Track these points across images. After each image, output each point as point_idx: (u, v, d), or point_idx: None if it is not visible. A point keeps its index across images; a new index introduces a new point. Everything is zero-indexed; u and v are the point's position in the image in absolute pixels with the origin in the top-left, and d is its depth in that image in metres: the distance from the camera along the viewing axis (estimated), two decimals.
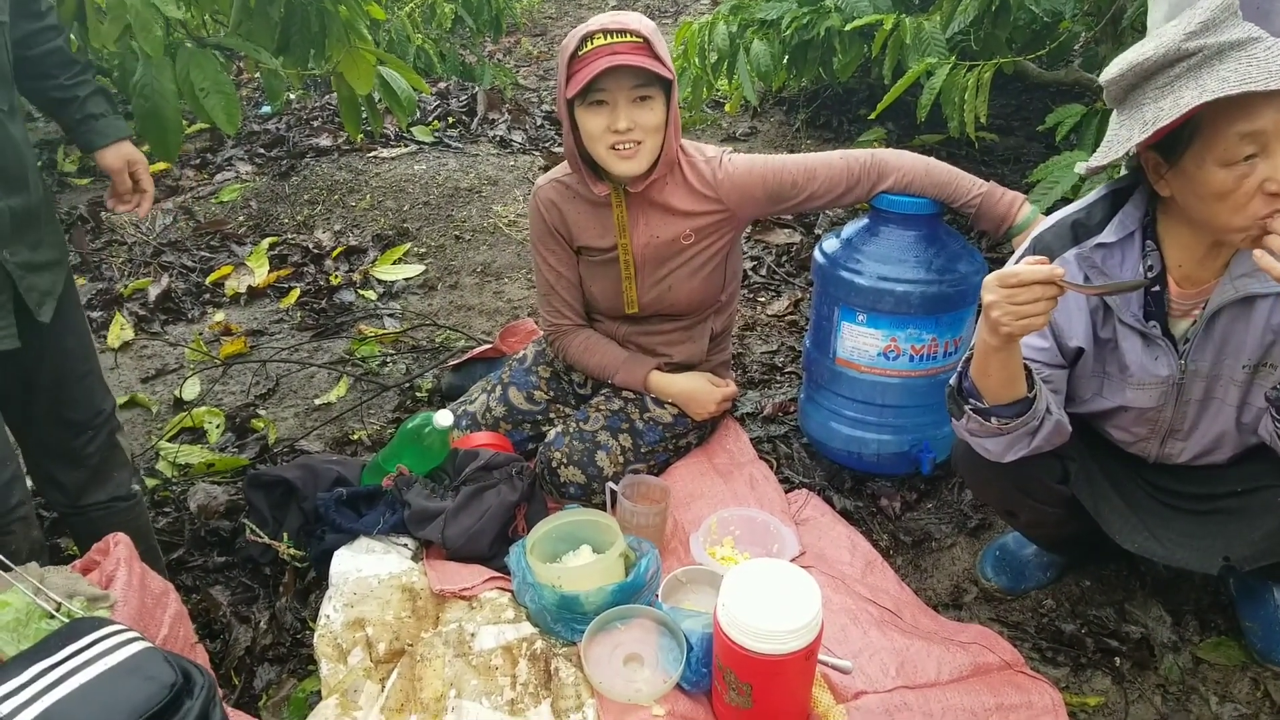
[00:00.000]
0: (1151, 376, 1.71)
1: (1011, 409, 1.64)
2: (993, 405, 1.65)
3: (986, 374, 1.61)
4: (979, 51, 3.59)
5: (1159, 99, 1.46)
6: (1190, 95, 1.40)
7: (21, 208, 1.69)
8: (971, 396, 1.68)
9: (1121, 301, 1.67)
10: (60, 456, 1.97)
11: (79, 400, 1.94)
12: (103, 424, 1.99)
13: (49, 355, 1.86)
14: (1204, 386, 1.70)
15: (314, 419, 3.01)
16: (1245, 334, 1.62)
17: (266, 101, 5.81)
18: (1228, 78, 1.37)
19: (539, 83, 6.75)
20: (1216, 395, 1.70)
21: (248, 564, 2.31)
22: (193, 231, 4.42)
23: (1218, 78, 1.39)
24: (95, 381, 1.99)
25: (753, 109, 5.53)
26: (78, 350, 1.93)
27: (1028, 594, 2.15)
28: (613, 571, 1.99)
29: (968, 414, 1.69)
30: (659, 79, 2.11)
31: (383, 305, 3.74)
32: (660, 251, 2.35)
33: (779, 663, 1.61)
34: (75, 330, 1.92)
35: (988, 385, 1.63)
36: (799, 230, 4.08)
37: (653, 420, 2.46)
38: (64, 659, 1.19)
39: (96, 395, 1.99)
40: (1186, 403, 1.73)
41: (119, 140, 1.98)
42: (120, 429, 2.06)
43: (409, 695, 1.81)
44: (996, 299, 1.47)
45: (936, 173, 2.27)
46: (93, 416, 1.97)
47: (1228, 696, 1.87)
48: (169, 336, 3.60)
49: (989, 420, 1.67)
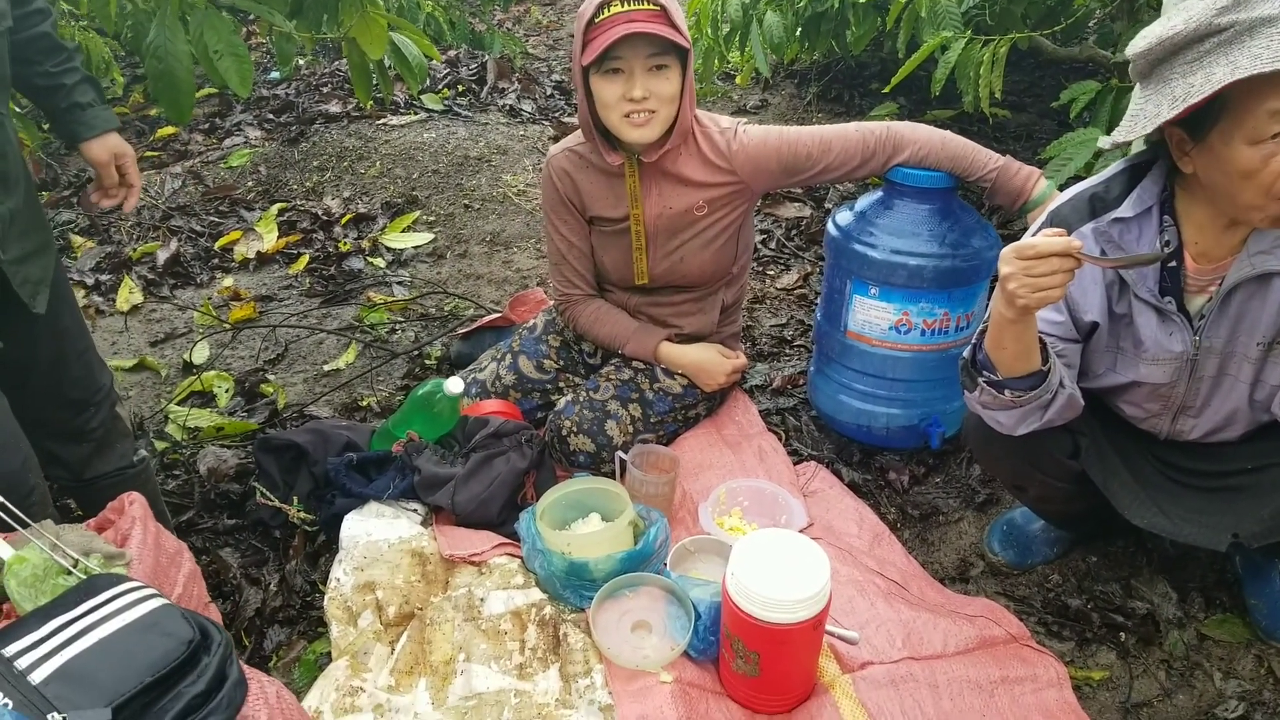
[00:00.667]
0: (1165, 352, 1.70)
1: (1025, 382, 1.64)
2: (1006, 378, 1.65)
3: (1001, 346, 1.61)
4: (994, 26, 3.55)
5: (1188, 74, 1.44)
6: (1222, 72, 1.38)
7: (16, 208, 1.69)
8: (985, 369, 1.68)
9: (1137, 276, 1.67)
10: (62, 435, 1.96)
11: (80, 378, 1.93)
12: (104, 399, 1.99)
13: (46, 337, 1.85)
14: (1217, 363, 1.69)
15: (323, 385, 3.02)
16: (1261, 311, 1.61)
17: (275, 67, 5.78)
18: (1260, 54, 1.35)
19: (548, 52, 6.72)
20: (1230, 372, 1.70)
21: (257, 527, 2.33)
22: (201, 196, 4.41)
23: (1250, 54, 1.37)
24: (93, 357, 1.98)
25: (764, 81, 5.50)
26: (73, 328, 1.92)
27: (1034, 569, 2.15)
28: (621, 539, 2.00)
29: (981, 386, 1.69)
30: (675, 48, 2.10)
31: (391, 273, 3.74)
32: (673, 222, 2.34)
33: (787, 632, 1.62)
34: (69, 307, 1.92)
35: (1002, 358, 1.63)
36: (809, 204, 4.07)
37: (662, 390, 2.47)
38: (83, 614, 1.20)
39: (95, 371, 1.98)
40: (1200, 379, 1.72)
41: (106, 132, 1.93)
42: (120, 400, 2.06)
43: (418, 658, 1.83)
44: (1013, 270, 1.47)
45: (952, 146, 2.26)
46: (94, 393, 1.96)
47: (1231, 673, 1.88)
48: (178, 300, 3.60)
49: (1002, 393, 1.67)
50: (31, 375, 1.86)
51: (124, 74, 5.74)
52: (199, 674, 1.16)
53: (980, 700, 1.76)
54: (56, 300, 1.84)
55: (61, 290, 1.88)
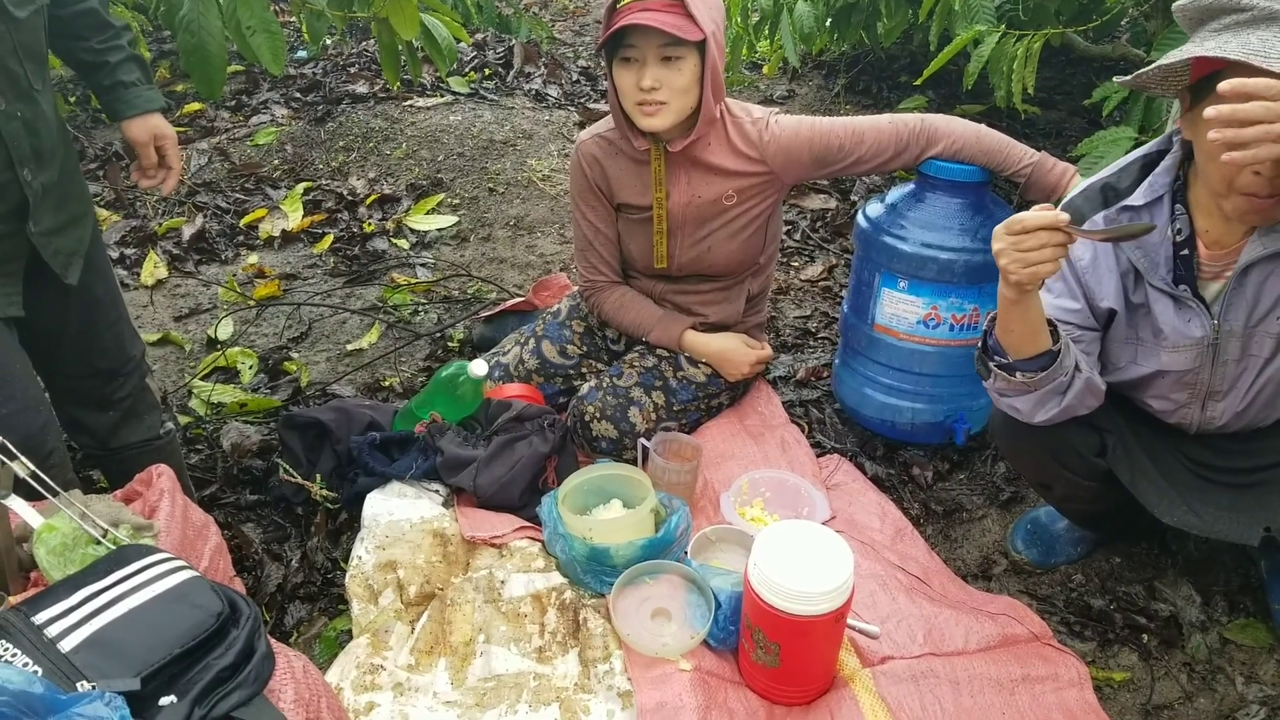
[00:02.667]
0: (1185, 338, 1.70)
1: (1035, 363, 1.64)
2: (1016, 360, 1.65)
3: (1009, 329, 1.62)
4: (1027, 22, 3.53)
5: (1209, 39, 1.46)
6: (1234, 47, 1.40)
7: (51, 182, 1.69)
8: (996, 353, 1.68)
9: (1150, 265, 1.67)
10: (89, 403, 1.98)
11: (109, 348, 1.94)
12: (133, 370, 2.00)
13: (78, 307, 1.86)
14: (1240, 345, 1.69)
15: (346, 364, 3.02)
16: (1278, 288, 1.61)
17: (303, 45, 5.78)
18: (1259, 47, 1.37)
19: (574, 37, 6.69)
20: (1252, 351, 1.69)
21: (280, 503, 2.34)
22: (227, 173, 4.42)
23: (1258, 38, 1.38)
24: (125, 327, 1.99)
25: (791, 72, 5.46)
26: (106, 299, 1.93)
27: (1057, 568, 2.14)
28: (643, 526, 2.00)
29: (994, 371, 1.69)
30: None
31: (415, 255, 3.74)
32: (701, 211, 2.33)
33: (808, 624, 1.62)
34: (103, 278, 1.92)
35: (1010, 340, 1.64)
36: (834, 196, 4.05)
37: (686, 379, 2.46)
38: (113, 584, 1.20)
39: (126, 341, 1.99)
40: (1225, 363, 1.71)
41: (148, 112, 1.92)
42: (150, 372, 2.07)
43: (439, 638, 1.83)
44: (1004, 246, 1.48)
45: (987, 140, 2.24)
46: (123, 363, 1.97)
47: (1254, 677, 1.87)
48: (202, 276, 3.61)
49: (1014, 376, 1.67)
50: (62, 344, 1.87)
51: (151, 49, 5.76)
52: (227, 646, 1.17)
53: (1001, 698, 1.75)
54: (90, 271, 1.85)
55: (96, 261, 1.89)
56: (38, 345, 1.84)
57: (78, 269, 1.77)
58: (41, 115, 1.66)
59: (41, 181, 1.67)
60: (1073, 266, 1.73)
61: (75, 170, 1.83)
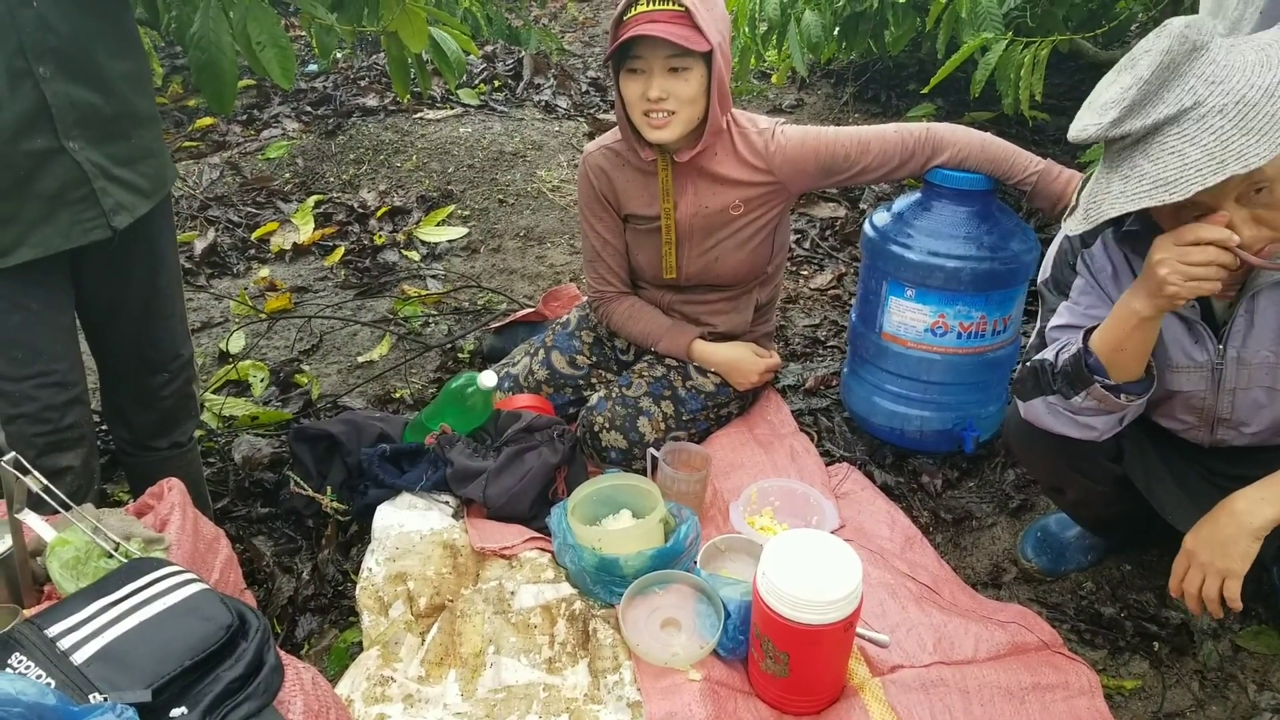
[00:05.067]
0: (1190, 361, 1.68)
1: (1140, 385, 1.63)
2: (1123, 382, 1.61)
3: (1122, 348, 1.57)
4: (1035, 28, 3.53)
5: (1111, 172, 1.46)
6: (1115, 191, 1.43)
7: (89, 105, 1.65)
8: (1098, 373, 1.61)
9: None
10: (136, 395, 2.02)
11: (161, 340, 1.98)
12: (180, 369, 2.03)
13: (138, 285, 1.89)
14: (1248, 375, 1.67)
15: (356, 376, 3.04)
16: None
17: (314, 59, 5.82)
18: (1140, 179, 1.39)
19: (584, 48, 6.72)
20: (1265, 382, 1.67)
21: (291, 515, 2.35)
22: (239, 187, 4.46)
23: (1138, 176, 1.40)
24: (179, 325, 2.03)
25: (799, 81, 5.48)
26: (168, 290, 1.97)
27: (1067, 576, 2.14)
28: (652, 536, 2.00)
29: (1093, 391, 1.63)
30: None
31: (426, 266, 3.76)
32: (709, 221, 2.34)
33: (818, 633, 1.62)
34: (170, 270, 1.96)
35: (1120, 360, 1.58)
36: (843, 204, 4.05)
37: (695, 388, 2.47)
38: (124, 596, 1.22)
39: (178, 339, 2.03)
40: (1230, 391, 1.69)
41: None
42: (196, 378, 2.10)
43: (449, 649, 1.83)
44: (1167, 255, 1.43)
45: (992, 148, 2.24)
46: (171, 359, 2.01)
47: (1266, 685, 1.86)
48: (214, 290, 3.64)
49: (1119, 397, 1.62)
50: (116, 323, 1.91)
51: (163, 65, 5.81)
52: (237, 658, 1.18)
53: (1011, 707, 1.75)
54: (158, 258, 1.89)
55: (165, 250, 1.93)
56: (91, 319, 1.90)
57: (125, 220, 1.74)
58: (68, 14, 1.60)
59: (71, 96, 1.62)
60: (1097, 277, 1.71)
61: (150, 148, 1.81)
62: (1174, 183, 1.35)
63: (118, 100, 1.70)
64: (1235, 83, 1.36)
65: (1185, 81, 1.38)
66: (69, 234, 1.67)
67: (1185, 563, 1.65)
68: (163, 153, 1.86)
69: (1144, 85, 1.38)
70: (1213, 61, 1.38)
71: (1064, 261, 1.75)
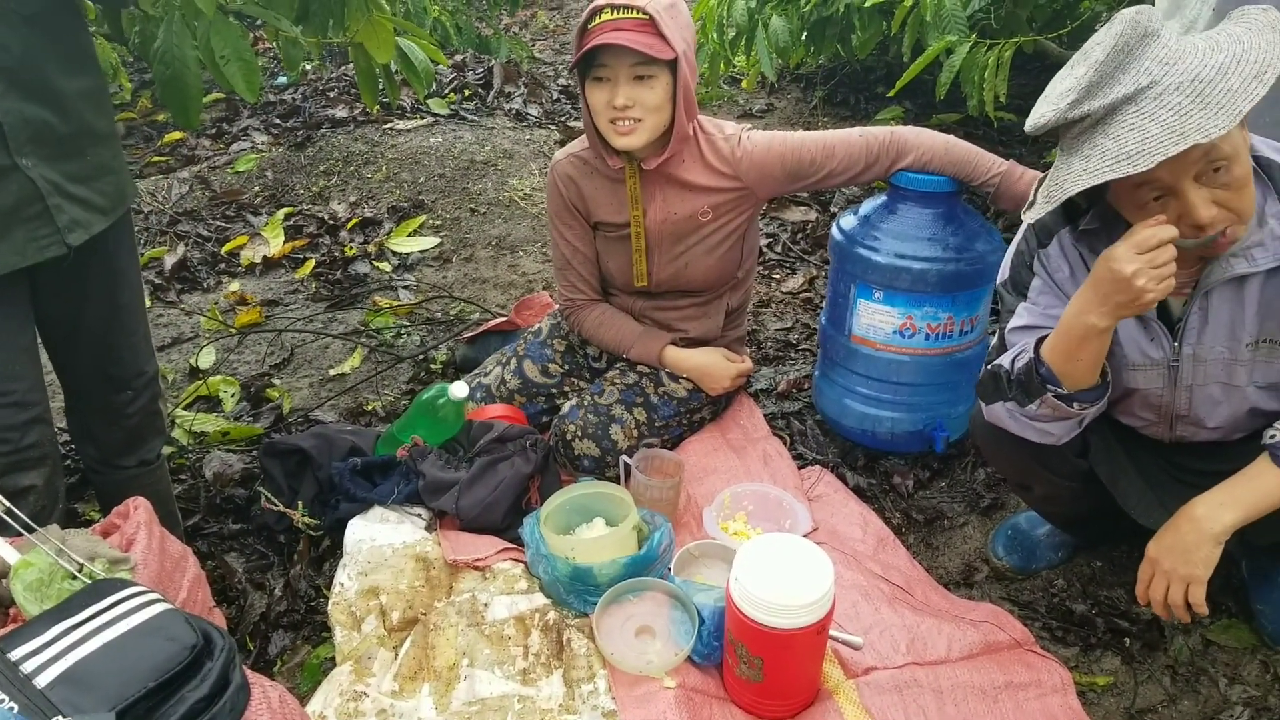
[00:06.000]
0: (1146, 358, 1.70)
1: (1093, 393, 1.64)
2: (1075, 391, 1.62)
3: (1077, 359, 1.58)
4: (999, 30, 3.56)
5: (1071, 155, 1.49)
6: (1076, 170, 1.46)
7: (42, 123, 1.63)
8: (1050, 383, 1.63)
9: None
10: (102, 413, 2.00)
11: (124, 357, 1.96)
12: (145, 385, 2.02)
13: (100, 303, 1.87)
14: (1204, 371, 1.68)
15: (328, 389, 3.02)
16: (1240, 313, 1.61)
17: (283, 72, 5.80)
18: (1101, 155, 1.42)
19: (555, 56, 6.73)
20: (1220, 379, 1.68)
21: (262, 531, 2.33)
22: (208, 201, 4.43)
23: (1099, 153, 1.42)
24: (142, 342, 2.01)
25: (769, 85, 5.50)
26: (130, 306, 1.95)
27: (1039, 574, 2.15)
28: (626, 544, 2.00)
29: (1046, 400, 1.64)
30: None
31: (397, 277, 3.75)
32: (678, 228, 2.34)
33: (791, 637, 1.62)
34: (131, 287, 1.94)
35: (1074, 370, 1.60)
36: (814, 208, 4.07)
37: (667, 395, 2.47)
38: (87, 618, 1.20)
39: (141, 356, 2.01)
40: (1188, 388, 1.71)
41: None
42: (162, 395, 2.09)
43: (422, 663, 1.83)
44: (1140, 266, 1.44)
45: (956, 151, 2.26)
46: (135, 376, 1.99)
47: (1237, 678, 1.88)
48: (185, 305, 3.61)
49: (1071, 406, 1.64)
50: (77, 341, 1.89)
51: (132, 80, 5.77)
52: (202, 679, 1.17)
53: (984, 706, 1.76)
54: (118, 276, 1.87)
55: (127, 267, 1.91)
56: (52, 337, 1.88)
57: (79, 237, 1.72)
58: (20, 32, 1.58)
59: (24, 114, 1.60)
60: (1053, 276, 1.73)
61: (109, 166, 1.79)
62: (1137, 155, 1.37)
63: (73, 118, 1.69)
64: (1189, 63, 1.39)
65: (1140, 64, 1.41)
66: (24, 251, 1.65)
67: (1149, 570, 1.66)
68: (122, 170, 1.85)
69: (1100, 67, 1.41)
70: (1165, 45, 1.41)
71: (1021, 262, 1.77)
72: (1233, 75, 1.36)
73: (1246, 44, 1.39)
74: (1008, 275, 1.80)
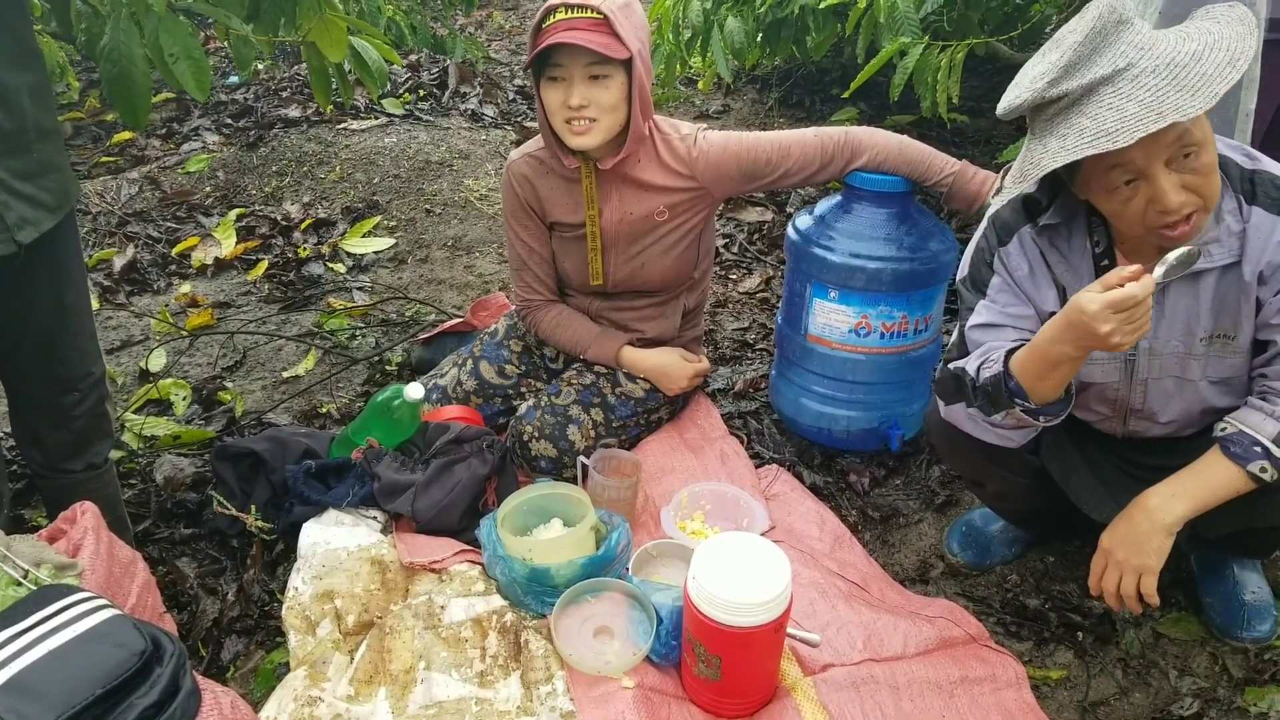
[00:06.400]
0: (1103, 353, 1.72)
1: (1055, 407, 1.67)
2: (1041, 406, 1.65)
3: (1044, 379, 1.60)
4: (951, 32, 3.59)
5: (1045, 135, 1.51)
6: (1053, 149, 1.47)
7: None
8: (1018, 397, 1.65)
9: (1074, 278, 1.70)
10: (48, 415, 1.95)
11: (70, 358, 1.92)
12: (91, 387, 1.97)
13: (45, 303, 1.83)
14: (1159, 365, 1.71)
15: (282, 391, 2.99)
16: (1195, 307, 1.63)
17: (234, 71, 5.72)
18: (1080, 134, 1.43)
19: (511, 57, 6.70)
20: (1174, 373, 1.71)
21: (215, 536, 2.30)
22: (159, 202, 4.36)
23: (1076, 131, 1.44)
24: (88, 343, 1.97)
25: (726, 87, 5.51)
26: (75, 306, 1.90)
27: (993, 569, 2.17)
28: (583, 545, 2.00)
29: (1012, 414, 1.68)
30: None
31: (352, 278, 3.71)
32: (634, 228, 2.34)
33: (748, 635, 1.62)
34: (74, 285, 1.89)
35: (1041, 388, 1.62)
36: (771, 208, 4.09)
37: (624, 395, 2.47)
38: (32, 625, 1.18)
39: (88, 357, 1.96)
40: (1143, 382, 1.74)
41: None
42: (109, 397, 2.04)
43: (378, 667, 1.81)
44: (1115, 325, 1.45)
45: (909, 151, 2.28)
46: (82, 377, 1.95)
47: (1187, 670, 1.91)
48: (134, 308, 3.55)
49: (1037, 419, 1.68)
50: (23, 342, 1.84)
51: (80, 79, 5.67)
52: (151, 685, 1.15)
53: (940, 701, 1.77)
54: (62, 274, 1.83)
55: (71, 266, 1.86)
56: (3, 341, 1.83)
57: (29, 234, 1.69)
58: None
59: None
60: (1013, 275, 1.75)
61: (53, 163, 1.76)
62: (1116, 132, 1.39)
63: (18, 114, 1.65)
64: (1163, 49, 1.42)
65: (1117, 47, 1.43)
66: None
67: (1102, 561, 1.68)
68: (65, 167, 1.81)
69: (1078, 48, 1.43)
70: (1139, 32, 1.44)
71: (981, 260, 1.78)
72: (1206, 61, 1.39)
73: (1217, 34, 1.42)
74: (967, 272, 1.82)
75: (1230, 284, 1.60)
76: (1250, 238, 1.56)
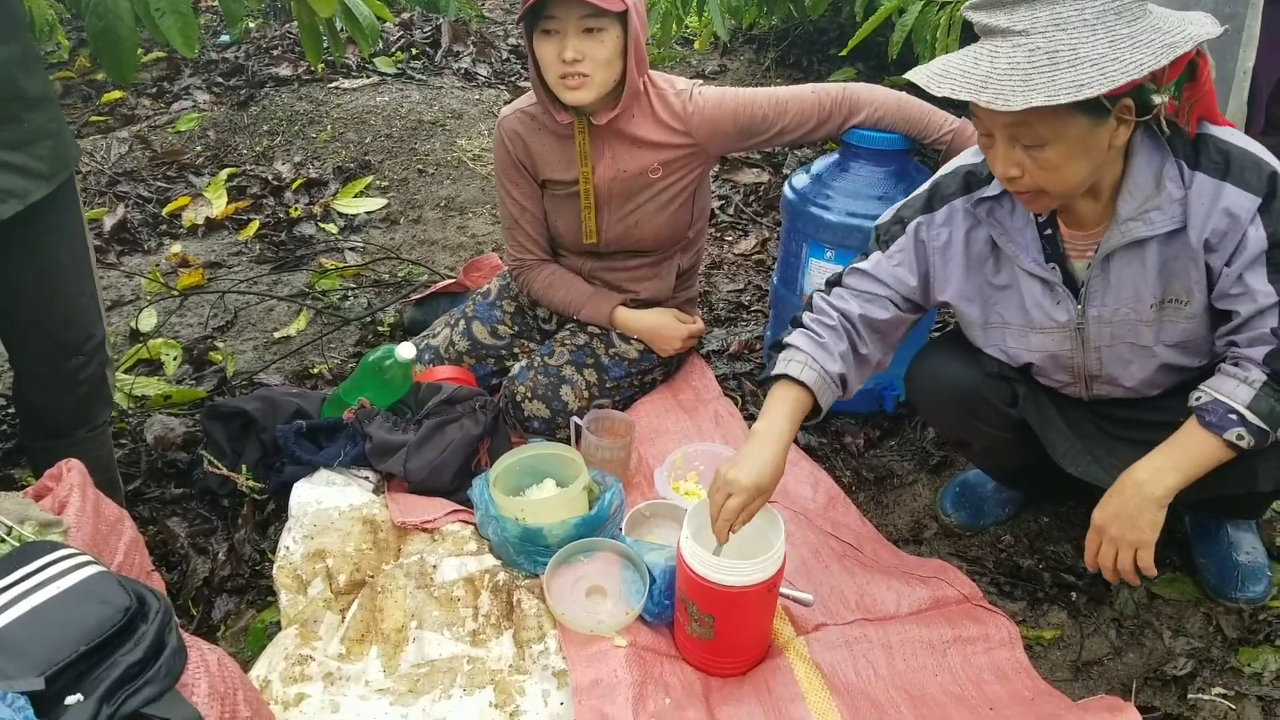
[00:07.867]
0: (1051, 321, 1.70)
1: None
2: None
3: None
4: None
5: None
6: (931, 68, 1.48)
7: None
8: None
9: (1018, 248, 1.68)
10: (51, 381, 1.91)
11: (72, 320, 1.87)
12: (94, 351, 1.93)
13: (38, 265, 1.79)
14: (1111, 331, 1.68)
15: (273, 352, 2.97)
16: (1142, 275, 1.60)
17: (225, 29, 5.66)
18: (943, 63, 1.45)
19: (504, 15, 6.62)
20: (1128, 338, 1.68)
21: (205, 496, 2.29)
22: (149, 161, 4.32)
23: (941, 60, 1.46)
24: (89, 303, 1.92)
25: (722, 46, 5.46)
26: (72, 267, 1.85)
27: (987, 530, 2.17)
28: (576, 505, 1.99)
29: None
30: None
31: (343, 239, 3.68)
32: (627, 184, 2.31)
33: (741, 594, 1.62)
34: (72, 245, 1.84)
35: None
36: (767, 169, 4.05)
37: (618, 356, 2.45)
38: (15, 582, 1.16)
39: (89, 319, 1.92)
40: (1096, 349, 1.71)
41: None
42: (110, 362, 2.01)
43: (370, 626, 1.80)
44: None
45: (908, 108, 2.24)
46: (84, 340, 1.91)
47: (1180, 630, 1.90)
48: (125, 267, 3.52)
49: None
50: (24, 304, 1.81)
51: (69, 38, 5.60)
52: (136, 642, 1.14)
53: (933, 660, 1.77)
54: (56, 233, 1.79)
55: (67, 225, 1.82)
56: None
57: (11, 208, 1.65)
58: None
59: None
60: (926, 243, 1.75)
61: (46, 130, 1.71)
62: (943, 78, 1.42)
63: (6, 84, 1.62)
64: (1074, 39, 1.35)
65: (1035, 10, 1.36)
66: None
67: (1097, 539, 1.67)
68: (61, 132, 1.77)
69: None
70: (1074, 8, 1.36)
71: (900, 216, 1.80)
72: (1086, 70, 1.33)
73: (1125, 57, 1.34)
74: (886, 219, 1.83)
75: (1176, 250, 1.56)
76: (1193, 203, 1.52)
